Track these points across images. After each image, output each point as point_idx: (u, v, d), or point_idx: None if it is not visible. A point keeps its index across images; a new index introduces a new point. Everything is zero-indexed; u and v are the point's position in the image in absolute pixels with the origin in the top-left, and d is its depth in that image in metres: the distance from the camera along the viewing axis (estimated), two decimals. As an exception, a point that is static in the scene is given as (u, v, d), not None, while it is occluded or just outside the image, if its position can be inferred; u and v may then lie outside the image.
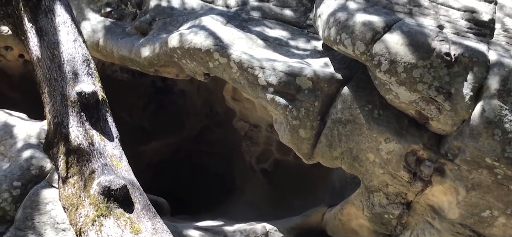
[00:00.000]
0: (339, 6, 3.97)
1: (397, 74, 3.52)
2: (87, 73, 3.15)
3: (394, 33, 3.56)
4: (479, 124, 3.37)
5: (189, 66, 4.58)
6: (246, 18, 4.96)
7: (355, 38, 3.68)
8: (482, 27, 3.60)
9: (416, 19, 3.67)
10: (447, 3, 3.69)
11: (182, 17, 5.03)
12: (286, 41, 4.70)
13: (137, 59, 4.90)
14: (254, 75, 4.11)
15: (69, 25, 3.27)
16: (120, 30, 5.18)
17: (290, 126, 4.09)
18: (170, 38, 4.56)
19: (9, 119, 4.76)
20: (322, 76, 4.03)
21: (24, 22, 3.23)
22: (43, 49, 3.16)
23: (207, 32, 4.44)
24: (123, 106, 6.83)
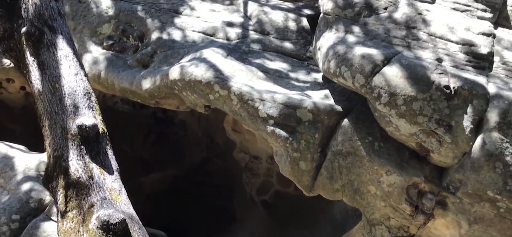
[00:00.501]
0: (338, 39, 4.01)
1: (397, 107, 3.53)
2: (88, 106, 3.16)
3: (393, 66, 3.59)
4: (480, 157, 3.36)
5: (189, 98, 4.60)
6: (246, 51, 5.00)
7: (355, 71, 3.70)
8: (480, 60, 3.63)
9: (414, 52, 3.70)
10: (445, 36, 3.73)
11: (183, 50, 5.08)
12: (286, 73, 4.73)
13: (138, 92, 4.92)
14: (254, 107, 4.12)
15: (71, 59, 3.29)
16: (122, 62, 5.22)
17: (291, 158, 4.08)
18: (171, 71, 4.59)
19: (9, 151, 4.75)
20: (322, 108, 4.04)
21: (26, 56, 3.26)
22: (44, 82, 3.17)
23: (208, 65, 4.47)
24: (124, 138, 6.83)
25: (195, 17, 5.53)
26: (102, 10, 5.57)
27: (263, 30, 5.32)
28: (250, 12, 5.62)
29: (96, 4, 5.62)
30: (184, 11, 5.58)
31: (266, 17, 5.49)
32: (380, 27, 3.92)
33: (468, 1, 3.86)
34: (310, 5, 5.98)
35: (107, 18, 5.49)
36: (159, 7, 5.61)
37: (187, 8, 5.62)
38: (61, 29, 3.40)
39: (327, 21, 4.32)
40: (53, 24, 3.38)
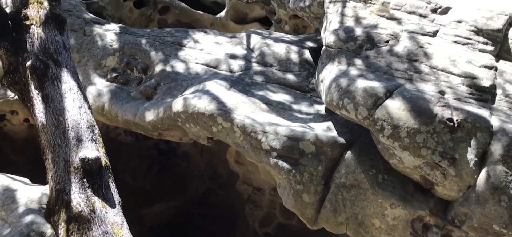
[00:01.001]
0: (340, 72, 4.03)
1: (400, 139, 3.52)
2: (91, 139, 3.17)
3: (396, 98, 3.60)
4: (485, 190, 3.33)
5: (192, 130, 4.61)
6: (249, 83, 5.03)
7: (357, 103, 3.71)
8: (483, 93, 3.64)
9: (416, 85, 3.72)
10: (447, 69, 3.75)
11: (187, 82, 5.11)
12: (289, 105, 4.74)
13: (141, 123, 4.93)
14: (257, 139, 4.12)
15: (75, 92, 3.32)
16: (125, 94, 5.25)
17: (294, 191, 4.05)
18: (174, 103, 4.61)
19: (11, 184, 4.74)
20: (325, 140, 4.04)
21: (30, 89, 3.29)
22: (48, 115, 3.19)
23: (211, 97, 4.49)
24: (126, 169, 6.82)
25: (198, 50, 5.58)
26: (107, 43, 5.63)
27: (265, 62, 5.36)
28: (253, 44, 5.68)
29: (101, 37, 5.69)
30: (187, 43, 5.64)
31: (268, 49, 5.54)
32: (382, 60, 3.95)
33: (469, 34, 3.89)
34: (312, 37, 6.04)
35: (112, 51, 5.56)
36: (163, 40, 5.67)
37: (191, 41, 5.68)
38: (66, 62, 3.44)
39: (330, 54, 4.35)
40: (58, 58, 3.43)
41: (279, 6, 7.52)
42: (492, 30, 3.86)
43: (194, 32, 5.91)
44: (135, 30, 5.94)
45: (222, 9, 8.15)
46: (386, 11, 4.21)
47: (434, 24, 4.03)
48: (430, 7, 4.14)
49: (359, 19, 4.32)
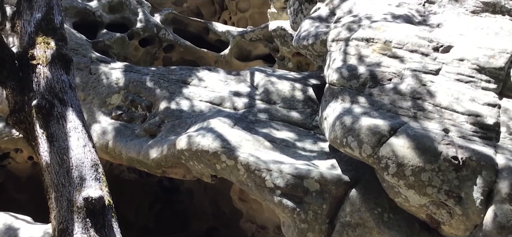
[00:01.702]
0: (344, 109, 4.04)
1: (405, 178, 3.50)
2: (95, 178, 3.17)
3: (400, 136, 3.59)
4: (492, 229, 3.29)
5: (196, 168, 4.60)
6: (253, 120, 5.04)
7: (362, 141, 3.71)
8: (487, 131, 3.63)
9: (420, 123, 3.71)
10: (450, 107, 3.76)
11: (191, 119, 5.13)
12: (293, 142, 4.74)
13: (145, 161, 4.93)
14: (261, 177, 4.10)
15: (80, 131, 3.33)
16: (130, 132, 5.27)
17: (298, 229, 4.01)
18: (178, 140, 4.62)
19: (14, 222, 4.72)
20: (330, 178, 4.01)
21: (35, 129, 3.31)
22: (52, 154, 3.20)
23: (215, 135, 4.50)
24: (129, 207, 6.77)
25: (202, 87, 5.63)
26: (112, 81, 5.69)
27: (269, 99, 5.39)
28: (256, 82, 5.72)
29: (106, 76, 5.75)
30: (192, 81, 5.69)
31: (272, 87, 5.58)
32: (385, 98, 3.96)
33: (472, 72, 3.91)
34: (316, 75, 6.09)
35: (117, 89, 5.61)
36: (168, 78, 5.72)
37: (195, 79, 5.73)
38: (71, 101, 3.47)
39: (333, 91, 4.37)
40: (64, 97, 3.45)
41: (282, 44, 7.61)
42: (494, 68, 3.88)
43: (198, 70, 5.97)
44: (140, 68, 6.00)
45: (226, 47, 8.25)
46: (388, 50, 4.25)
47: (436, 62, 4.06)
48: (432, 45, 4.18)
49: (362, 58, 4.35)
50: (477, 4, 4.60)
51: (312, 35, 5.10)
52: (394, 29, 4.39)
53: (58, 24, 3.80)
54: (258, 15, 11.71)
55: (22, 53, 3.55)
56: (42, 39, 3.62)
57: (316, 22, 5.30)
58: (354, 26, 4.69)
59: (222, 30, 8.32)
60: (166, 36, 7.60)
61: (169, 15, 8.04)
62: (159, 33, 7.50)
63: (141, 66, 6.44)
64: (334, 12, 5.30)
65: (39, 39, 3.62)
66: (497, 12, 4.51)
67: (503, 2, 4.49)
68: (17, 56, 3.53)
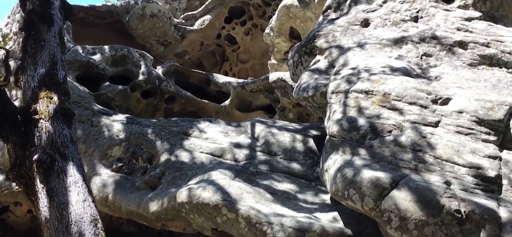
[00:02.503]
0: (345, 161, 4.03)
1: (409, 232, 3.45)
2: (94, 234, 3.14)
3: (402, 189, 3.57)
4: (499, 285, 3.21)
5: (197, 221, 4.55)
6: (254, 172, 5.03)
7: (363, 194, 3.68)
8: (489, 184, 3.60)
9: (422, 176, 3.69)
10: (451, 159, 3.75)
11: (191, 171, 5.12)
12: (294, 194, 4.71)
13: (145, 214, 4.89)
14: (262, 231, 4.05)
15: (80, 186, 3.33)
16: (130, 184, 5.24)
17: (300, 285, 3.92)
18: (179, 193, 4.59)
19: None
20: (332, 232, 3.96)
21: (36, 183, 3.31)
22: (52, 209, 3.19)
23: (216, 187, 4.48)
24: (128, 260, 6.65)
25: (203, 139, 5.65)
26: (113, 133, 5.71)
27: (270, 151, 5.39)
28: (257, 133, 5.74)
29: (107, 128, 5.78)
30: (193, 133, 5.71)
31: (273, 138, 5.59)
32: (386, 150, 3.96)
33: (471, 125, 3.93)
34: (316, 125, 6.12)
35: (118, 141, 5.62)
36: (169, 129, 5.75)
37: (196, 130, 5.76)
38: (72, 155, 3.48)
39: (333, 143, 4.38)
40: (65, 151, 3.47)
41: (283, 95, 7.69)
42: (494, 121, 3.90)
43: (199, 122, 6.01)
44: (141, 120, 6.04)
45: (227, 98, 8.34)
46: (387, 102, 4.28)
47: (435, 114, 4.08)
48: (431, 98, 4.21)
49: (362, 109, 4.38)
50: (474, 57, 4.67)
51: (312, 87, 5.16)
52: (393, 81, 4.44)
53: (62, 79, 3.87)
54: (259, 66, 11.91)
55: (25, 108, 3.59)
56: (45, 93, 3.67)
57: (316, 74, 5.36)
58: (353, 79, 4.74)
59: (223, 81, 8.43)
60: (167, 88, 7.69)
61: (171, 67, 8.17)
62: (161, 85, 7.60)
63: (143, 118, 6.49)
64: (333, 64, 5.38)
65: (42, 94, 3.67)
66: (494, 65, 4.57)
67: (500, 55, 4.56)
68: (19, 111, 3.57)
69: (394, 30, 5.40)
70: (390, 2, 5.75)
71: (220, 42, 12.01)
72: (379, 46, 5.26)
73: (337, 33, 5.74)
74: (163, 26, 10.63)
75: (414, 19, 5.40)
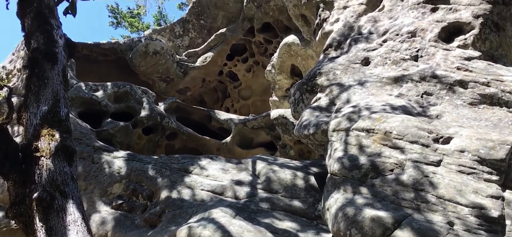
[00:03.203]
0: (346, 200, 4.00)
1: (412, 273, 3.39)
2: (92, 273, 3.09)
3: (405, 229, 3.52)
4: None
5: (196, 260, 4.48)
6: (255, 210, 4.99)
7: (365, 234, 3.63)
8: (492, 224, 3.56)
9: (424, 215, 3.66)
10: (454, 199, 3.72)
11: (192, 209, 5.08)
12: (295, 233, 4.65)
13: (144, 253, 4.82)
14: (263, 271, 3.98)
15: (79, 224, 3.29)
16: (130, 222, 5.20)
17: None
18: (179, 232, 4.54)
19: None
20: (334, 272, 3.89)
21: (35, 222, 3.27)
22: (50, 248, 3.14)
23: (216, 226, 4.43)
24: None
25: (204, 176, 5.62)
26: (114, 170, 5.70)
27: (271, 188, 5.36)
28: (258, 170, 5.72)
29: (108, 165, 5.77)
30: (194, 170, 5.69)
31: (274, 175, 5.57)
32: (388, 189, 3.93)
33: (473, 164, 3.91)
34: (318, 163, 6.10)
35: (118, 178, 5.60)
36: (170, 166, 5.74)
37: (197, 167, 5.74)
38: (72, 194, 3.46)
39: (335, 181, 4.35)
40: (65, 189, 3.45)
41: (284, 132, 7.71)
42: (496, 160, 3.88)
43: (200, 159, 6.00)
44: (142, 157, 6.04)
45: (228, 135, 8.35)
46: (388, 140, 4.28)
47: (437, 153, 4.07)
48: (432, 137, 4.21)
49: (363, 148, 4.37)
50: (474, 96, 4.68)
51: (313, 125, 5.17)
52: (394, 120, 4.45)
53: (64, 116, 3.88)
54: (260, 102, 11.98)
55: (26, 146, 3.59)
56: (47, 131, 3.68)
57: (317, 112, 5.38)
58: (354, 117, 4.76)
59: (225, 118, 8.46)
60: (169, 124, 7.71)
61: (172, 104, 8.21)
62: (162, 122, 7.62)
63: (144, 154, 6.49)
64: (334, 102, 5.40)
65: (44, 132, 3.68)
66: (495, 104, 4.58)
67: (500, 94, 4.58)
68: (21, 149, 3.57)
69: (394, 69, 5.44)
70: (390, 42, 5.82)
71: (222, 78, 12.11)
72: (380, 85, 5.29)
73: (338, 71, 5.79)
74: (166, 63, 10.75)
75: (414, 58, 5.46)
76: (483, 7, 5.47)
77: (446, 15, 5.65)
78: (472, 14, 5.46)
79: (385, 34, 6.01)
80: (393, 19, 6.19)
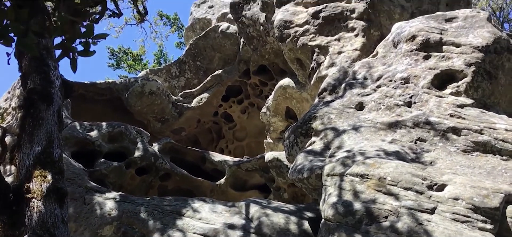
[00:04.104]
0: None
1: None
2: None
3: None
4: None
5: None
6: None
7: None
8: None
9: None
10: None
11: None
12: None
13: None
14: None
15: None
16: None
17: None
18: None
19: None
20: None
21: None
22: None
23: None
24: None
25: (197, 219, 5.55)
26: (105, 212, 5.62)
27: (264, 233, 5.29)
28: (251, 213, 5.66)
29: (100, 206, 5.70)
30: (186, 212, 5.63)
31: (267, 219, 5.51)
32: (382, 236, 3.90)
33: (467, 212, 3.90)
34: (311, 207, 6.05)
35: (110, 219, 5.52)
36: (162, 209, 5.67)
37: (190, 210, 5.68)
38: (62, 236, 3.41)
39: (329, 227, 4.31)
40: (55, 232, 3.40)
41: (278, 175, 7.67)
42: (490, 209, 3.87)
43: (193, 201, 5.94)
44: (135, 199, 5.97)
45: (222, 176, 8.31)
46: (383, 187, 4.27)
47: (431, 201, 4.06)
48: (426, 184, 4.21)
49: (357, 194, 4.36)
50: (467, 144, 4.71)
51: (307, 169, 5.16)
52: (388, 165, 4.45)
53: (57, 157, 3.86)
54: (255, 144, 11.98)
55: (18, 187, 3.55)
56: (39, 172, 3.65)
57: (311, 156, 5.38)
58: (348, 162, 4.76)
59: (219, 159, 8.43)
60: (163, 165, 7.67)
61: (167, 145, 8.20)
62: (156, 163, 7.59)
63: (137, 195, 6.42)
64: (329, 146, 5.41)
65: (36, 173, 3.65)
66: (488, 151, 4.60)
67: (493, 142, 4.61)
68: (12, 190, 3.53)
69: (388, 114, 5.49)
70: (384, 87, 5.89)
71: (217, 119, 12.14)
72: (374, 130, 5.32)
73: (332, 116, 5.82)
74: (161, 103, 10.79)
75: (407, 104, 5.51)
76: (476, 56, 5.57)
77: (439, 63, 5.75)
78: (464, 62, 5.56)
79: (379, 80, 6.08)
80: (387, 65, 6.28)
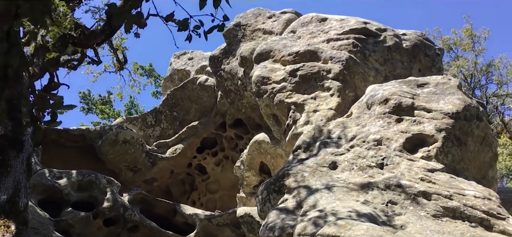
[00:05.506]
0: None
1: None
2: None
3: None
4: None
5: None
6: None
7: None
8: None
9: None
10: None
11: None
12: None
13: None
14: None
15: None
16: None
17: None
18: None
19: None
20: None
21: None
22: None
23: None
24: None
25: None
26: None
27: None
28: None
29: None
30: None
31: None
32: None
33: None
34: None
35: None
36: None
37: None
38: None
39: None
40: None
41: (249, 231, 7.57)
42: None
43: (162, 256, 5.79)
44: (101, 252, 5.79)
45: (192, 230, 8.15)
46: (354, 249, 4.26)
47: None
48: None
49: (328, 255, 4.33)
50: (437, 209, 4.77)
51: (279, 227, 5.11)
52: (359, 228, 4.45)
53: (23, 206, 3.75)
54: (228, 197, 11.85)
55: (-22, 238, 3.41)
56: (3, 222, 3.53)
57: (283, 214, 5.35)
58: (320, 222, 4.74)
59: (190, 213, 8.31)
60: (132, 216, 7.50)
61: (137, 195, 8.06)
62: (125, 214, 7.42)
63: (103, 248, 6.22)
64: (301, 204, 5.40)
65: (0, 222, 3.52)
66: (457, 217, 4.67)
67: (462, 209, 4.68)
68: (-28, 242, 3.38)
69: (360, 175, 5.54)
70: (357, 148, 5.97)
71: (190, 171, 12.03)
72: (346, 190, 5.35)
73: (306, 174, 5.84)
74: (135, 153, 10.66)
75: (379, 166, 5.59)
76: (446, 122, 5.74)
77: (411, 127, 5.89)
78: (435, 128, 5.71)
79: (353, 140, 6.17)
80: (361, 126, 6.40)
